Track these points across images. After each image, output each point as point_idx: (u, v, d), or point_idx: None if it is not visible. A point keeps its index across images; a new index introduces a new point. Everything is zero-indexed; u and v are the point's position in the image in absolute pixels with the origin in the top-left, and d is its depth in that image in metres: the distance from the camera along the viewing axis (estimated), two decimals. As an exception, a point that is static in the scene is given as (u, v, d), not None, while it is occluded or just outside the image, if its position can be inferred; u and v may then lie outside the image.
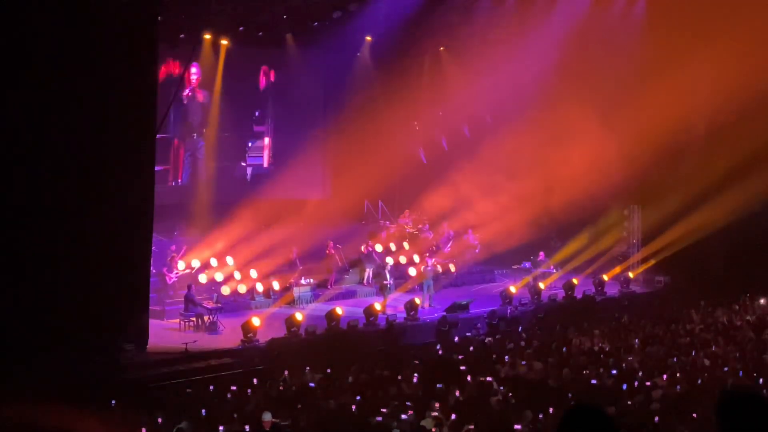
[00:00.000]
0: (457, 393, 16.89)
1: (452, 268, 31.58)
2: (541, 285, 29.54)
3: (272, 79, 33.05)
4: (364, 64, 33.72)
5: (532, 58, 31.98)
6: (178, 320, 24.92)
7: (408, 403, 16.08)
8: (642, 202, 32.45)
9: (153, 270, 24.38)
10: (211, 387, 18.87)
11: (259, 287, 27.62)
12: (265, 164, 33.60)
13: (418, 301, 26.45)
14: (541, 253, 31.85)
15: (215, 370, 21.19)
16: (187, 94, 30.90)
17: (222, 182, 31.83)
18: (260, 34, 30.20)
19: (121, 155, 20.62)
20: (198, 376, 20.47)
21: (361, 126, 32.41)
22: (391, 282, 28.09)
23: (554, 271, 31.63)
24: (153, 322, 23.06)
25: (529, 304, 28.28)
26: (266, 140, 33.55)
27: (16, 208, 19.48)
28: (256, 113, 33.42)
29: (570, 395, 16.45)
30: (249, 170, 33.40)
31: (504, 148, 32.32)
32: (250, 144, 33.53)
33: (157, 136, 23.60)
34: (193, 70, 30.49)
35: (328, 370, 19.64)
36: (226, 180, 32.31)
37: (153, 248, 23.14)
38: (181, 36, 28.10)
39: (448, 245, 32.61)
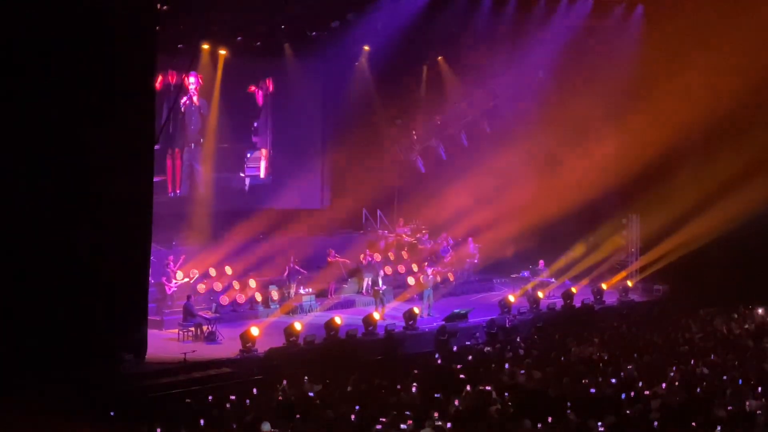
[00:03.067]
0: (456, 402, 16.86)
1: (451, 277, 31.58)
2: (540, 294, 29.55)
3: (270, 89, 33.02)
4: (362, 74, 33.73)
5: (530, 67, 32.10)
6: (176, 330, 24.89)
7: (407, 413, 16.05)
8: (640, 211, 32.45)
9: (152, 280, 24.37)
10: (210, 397, 18.83)
11: (258, 297, 27.61)
12: (263, 175, 33.55)
13: (417, 310, 26.43)
14: (541, 261, 31.86)
15: (214, 380, 21.16)
16: (185, 102, 30.89)
17: (220, 193, 31.83)
18: (258, 44, 30.24)
19: (120, 164, 20.58)
20: (197, 386, 20.43)
21: (359, 135, 32.48)
22: (383, 288, 28.12)
23: (553, 280, 31.63)
24: (152, 332, 23.02)
25: (528, 313, 28.29)
26: (264, 151, 33.50)
27: (13, 218, 19.45)
28: (255, 124, 33.38)
29: (569, 404, 16.42)
30: (247, 181, 33.36)
31: (502, 156, 32.38)
32: (248, 155, 33.48)
33: (156, 147, 23.66)
34: (191, 79, 30.51)
35: (327, 380, 19.62)
36: (225, 191, 32.29)
37: (152, 258, 23.11)
38: (180, 46, 28.15)
39: (448, 254, 32.59)
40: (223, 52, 30.04)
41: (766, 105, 29.00)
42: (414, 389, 18.33)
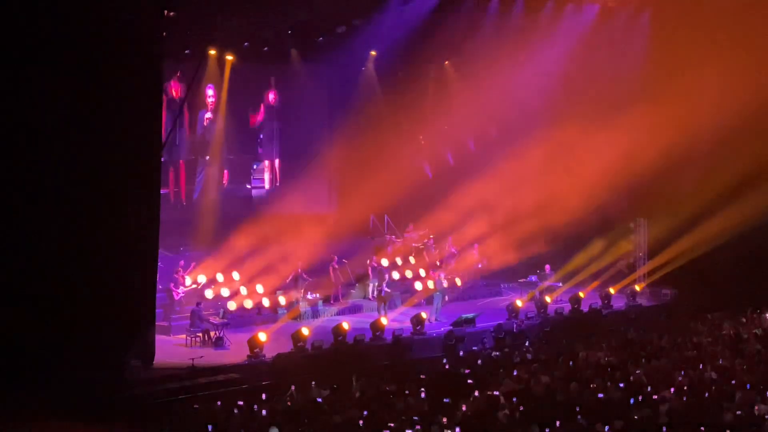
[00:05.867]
0: (464, 407, 16.85)
1: (458, 282, 31.56)
2: (548, 298, 29.52)
3: (275, 99, 33.09)
4: (368, 79, 33.78)
5: (537, 71, 32.06)
6: (184, 336, 24.91)
7: (415, 418, 16.04)
8: (648, 215, 32.40)
9: (159, 286, 24.37)
10: (218, 402, 18.83)
11: (266, 302, 27.64)
12: (267, 186, 33.56)
13: (424, 315, 26.44)
14: (547, 266, 31.82)
15: (222, 385, 21.15)
16: (209, 117, 31.07)
17: (227, 200, 31.90)
18: (265, 49, 30.29)
19: (127, 171, 20.63)
20: (204, 392, 20.43)
21: (366, 140, 32.46)
22: (386, 290, 28.06)
23: (560, 284, 31.59)
24: (159, 338, 23.07)
25: (536, 318, 28.27)
26: (268, 163, 33.56)
27: (21, 225, 19.51)
28: (261, 136, 33.41)
29: (577, 409, 16.41)
30: (254, 192, 33.43)
31: (509, 161, 32.35)
32: (254, 166, 33.50)
33: (163, 159, 23.68)
34: (210, 92, 30.66)
35: (335, 385, 19.61)
36: (232, 198, 32.35)
37: (159, 264, 23.14)
38: (187, 51, 28.19)
39: (454, 259, 32.55)
40: (230, 57, 30.10)
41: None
42: (422, 394, 18.32)
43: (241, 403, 18.42)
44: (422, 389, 18.68)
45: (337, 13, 29.16)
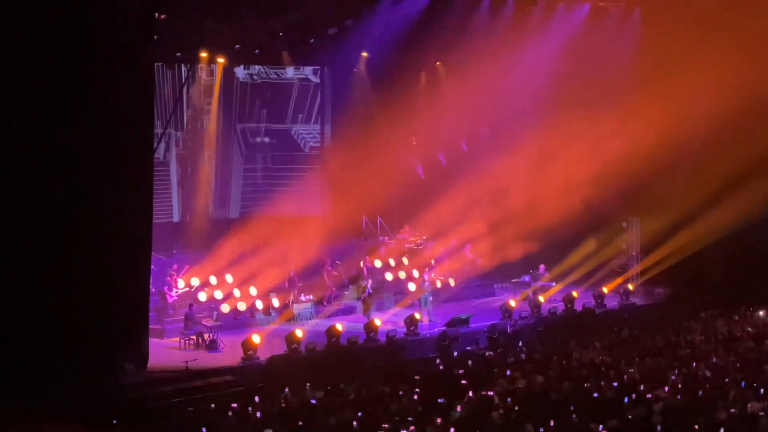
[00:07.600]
0: (459, 408, 16.85)
1: (452, 282, 31.55)
2: (541, 298, 29.52)
3: (269, 97, 33.09)
4: (360, 80, 33.75)
5: (528, 71, 32.03)
6: (178, 339, 24.90)
7: (409, 419, 16.04)
8: (641, 214, 32.43)
9: (153, 289, 24.34)
10: (212, 405, 18.83)
11: (259, 304, 27.61)
12: (260, 182, 33.54)
13: (418, 316, 26.43)
14: (541, 266, 31.84)
15: (216, 388, 21.17)
16: (188, 112, 31.02)
17: (220, 201, 31.85)
18: (257, 51, 30.27)
19: (119, 174, 20.60)
20: (199, 395, 20.45)
21: (358, 142, 32.46)
22: (370, 290, 28.03)
23: (554, 284, 31.60)
24: (153, 341, 23.04)
25: (529, 318, 28.26)
26: (263, 158, 33.49)
27: (13, 227, 19.47)
28: (255, 134, 33.39)
29: (571, 408, 16.42)
30: (246, 189, 33.37)
31: (501, 161, 32.36)
32: (245, 164, 33.46)
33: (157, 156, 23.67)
34: (202, 94, 30.67)
35: (329, 387, 19.61)
36: (225, 199, 32.31)
37: (152, 267, 23.10)
38: (178, 54, 28.16)
39: (447, 260, 32.54)
40: (221, 60, 30.09)
41: (764, 107, 28.96)
42: (416, 395, 18.32)
43: (235, 405, 18.44)
44: (416, 390, 18.70)
45: (328, 14, 29.15)
